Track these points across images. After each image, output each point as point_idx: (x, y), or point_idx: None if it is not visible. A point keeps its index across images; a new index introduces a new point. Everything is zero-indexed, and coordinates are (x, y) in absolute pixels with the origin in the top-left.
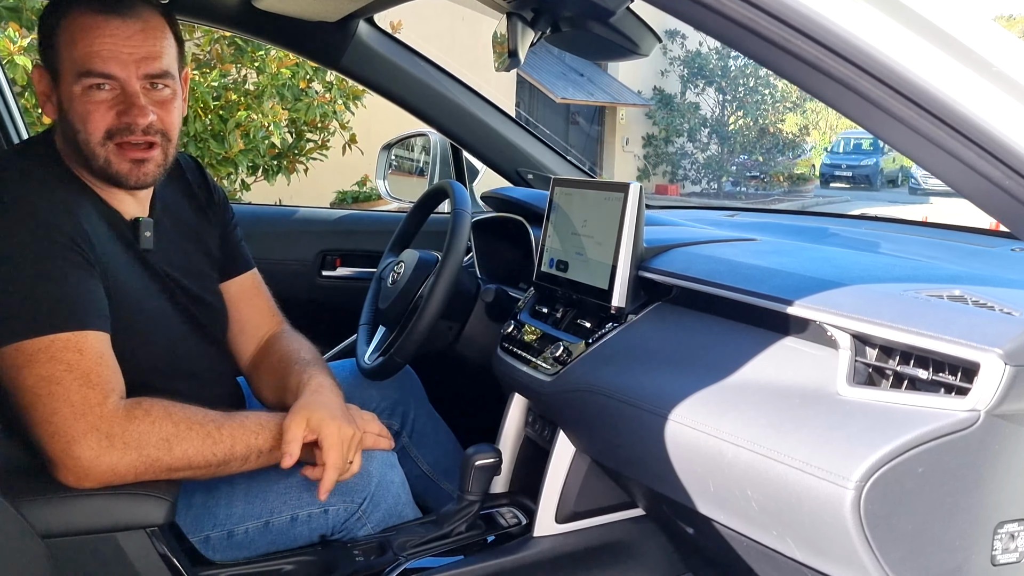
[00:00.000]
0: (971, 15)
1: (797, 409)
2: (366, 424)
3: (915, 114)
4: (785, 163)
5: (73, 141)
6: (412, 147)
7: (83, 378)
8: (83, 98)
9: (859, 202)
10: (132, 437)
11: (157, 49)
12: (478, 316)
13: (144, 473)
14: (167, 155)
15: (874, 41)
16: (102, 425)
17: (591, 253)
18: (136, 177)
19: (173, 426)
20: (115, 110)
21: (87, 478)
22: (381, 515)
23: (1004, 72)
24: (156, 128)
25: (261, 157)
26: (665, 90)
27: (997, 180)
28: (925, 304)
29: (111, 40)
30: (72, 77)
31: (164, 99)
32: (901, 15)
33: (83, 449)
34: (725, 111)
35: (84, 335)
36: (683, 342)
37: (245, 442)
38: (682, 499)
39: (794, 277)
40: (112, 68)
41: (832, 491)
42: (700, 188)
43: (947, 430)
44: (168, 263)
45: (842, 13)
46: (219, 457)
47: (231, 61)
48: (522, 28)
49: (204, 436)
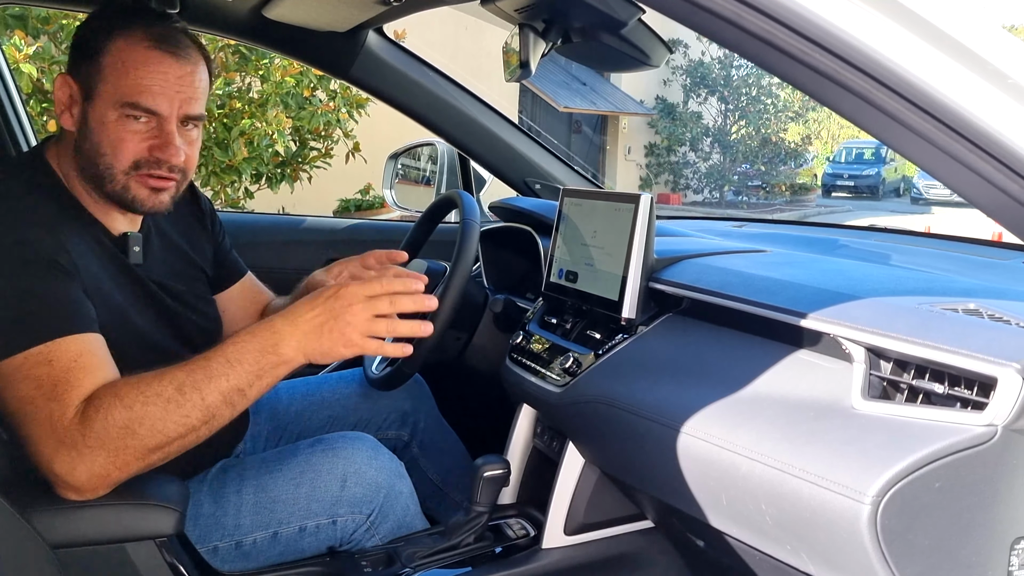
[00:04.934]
0: (986, 26)
1: (812, 422)
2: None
3: (932, 127)
4: (787, 172)
5: (92, 161)
6: (419, 156)
7: (50, 392)
8: (118, 124)
9: (861, 212)
10: (92, 438)
11: (200, 92)
12: (486, 326)
13: (128, 465)
14: (180, 189)
15: (891, 54)
16: (66, 437)
17: (601, 264)
18: (152, 204)
19: (126, 409)
20: (148, 143)
21: (78, 491)
22: (390, 526)
23: (1020, 84)
24: (181, 167)
25: (265, 165)
26: (668, 99)
27: (1014, 193)
28: (940, 318)
29: (163, 78)
30: (112, 101)
31: (192, 139)
32: (918, 27)
33: (59, 465)
34: (727, 120)
35: (56, 344)
36: (694, 354)
37: (217, 389)
38: (694, 512)
39: (807, 289)
40: (159, 106)
41: (848, 506)
42: (702, 197)
43: (964, 445)
44: (157, 276)
45: (859, 26)
46: (197, 416)
47: (235, 69)
48: (534, 39)
49: (165, 403)
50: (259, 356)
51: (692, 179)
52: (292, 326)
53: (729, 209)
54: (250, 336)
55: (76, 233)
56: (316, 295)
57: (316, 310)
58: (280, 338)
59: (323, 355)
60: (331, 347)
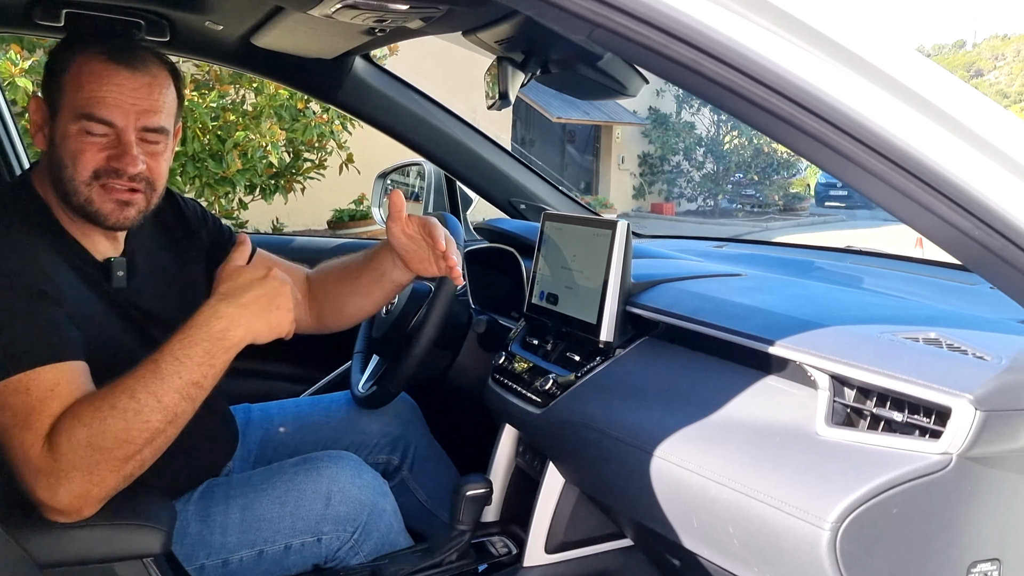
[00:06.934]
0: (939, 73)
1: (778, 448)
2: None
3: (888, 168)
4: (780, 182)
5: (58, 176)
6: (408, 173)
7: (24, 422)
8: (77, 137)
9: (854, 221)
10: (64, 461)
11: (159, 104)
12: (470, 346)
13: (105, 480)
14: (150, 202)
15: (847, 99)
16: (41, 465)
17: (580, 287)
18: (117, 218)
19: (86, 427)
20: (106, 153)
21: (65, 514)
22: (373, 544)
23: (970, 128)
24: (143, 177)
25: (259, 176)
26: (660, 110)
27: (968, 231)
28: (901, 347)
29: (117, 89)
30: (71, 116)
31: (156, 152)
32: (871, 73)
33: (40, 491)
34: (720, 131)
35: (35, 373)
36: (669, 378)
37: (172, 388)
38: (667, 533)
39: (776, 316)
40: (113, 116)
41: (809, 531)
42: (696, 206)
43: (921, 472)
44: (142, 302)
45: (813, 73)
46: (158, 419)
47: (229, 82)
48: (512, 71)
49: (122, 414)
50: (209, 345)
51: (686, 188)
52: (240, 308)
53: (723, 218)
54: (195, 328)
55: (60, 260)
56: (248, 277)
57: (256, 290)
58: (229, 322)
59: (269, 331)
60: (278, 322)
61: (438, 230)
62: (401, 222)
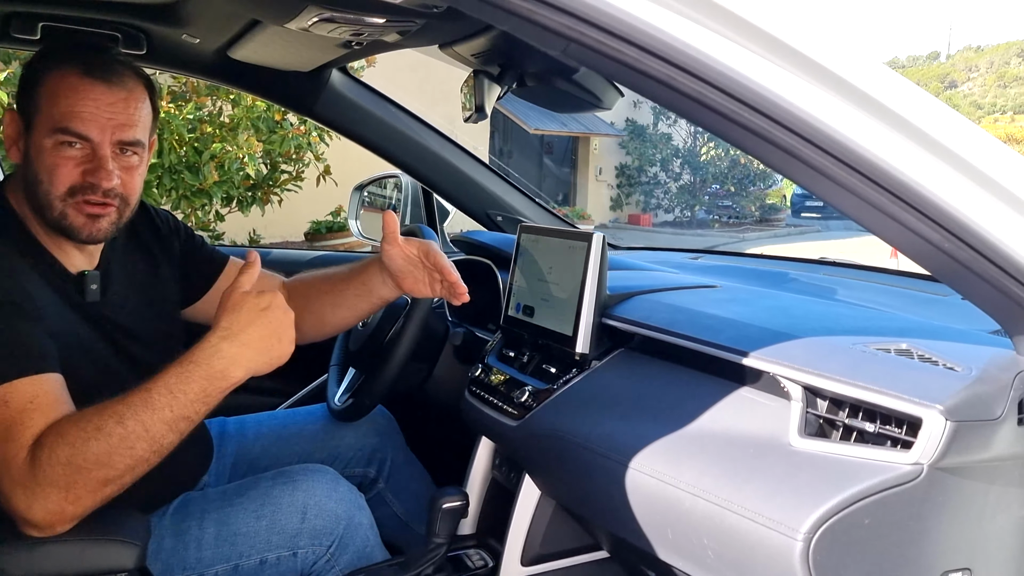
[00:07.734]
0: (908, 87)
1: (751, 459)
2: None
3: (859, 181)
4: (756, 193)
5: (33, 190)
6: (385, 185)
7: (4, 434)
8: (53, 152)
9: (830, 232)
10: (42, 477)
11: (134, 118)
12: (447, 358)
13: (81, 499)
14: (122, 216)
15: (818, 113)
16: (20, 478)
17: (556, 299)
18: (89, 232)
19: (69, 447)
20: (82, 168)
21: (38, 528)
22: (349, 557)
23: (940, 141)
24: (117, 192)
25: (236, 188)
26: (638, 121)
27: (938, 243)
28: (872, 358)
29: (93, 104)
30: (46, 130)
31: (131, 165)
32: (844, 89)
33: (16, 503)
34: (697, 142)
35: (12, 385)
36: (644, 390)
37: (161, 420)
38: (643, 545)
39: (750, 328)
40: (89, 130)
41: (782, 542)
42: (673, 217)
43: (892, 483)
44: (116, 316)
45: (786, 87)
46: (143, 448)
47: (206, 94)
48: (488, 85)
49: (107, 438)
50: (206, 384)
51: (663, 200)
52: (241, 347)
53: (700, 229)
54: (194, 365)
55: (35, 274)
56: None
57: (259, 327)
58: (230, 363)
59: (269, 367)
60: (279, 356)
61: (444, 259)
62: (398, 244)
